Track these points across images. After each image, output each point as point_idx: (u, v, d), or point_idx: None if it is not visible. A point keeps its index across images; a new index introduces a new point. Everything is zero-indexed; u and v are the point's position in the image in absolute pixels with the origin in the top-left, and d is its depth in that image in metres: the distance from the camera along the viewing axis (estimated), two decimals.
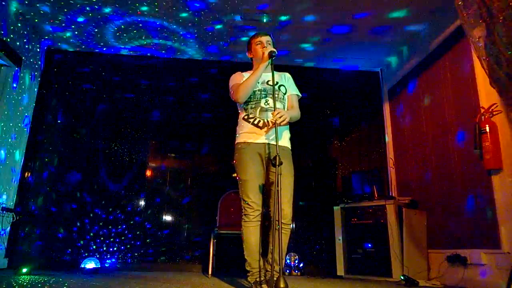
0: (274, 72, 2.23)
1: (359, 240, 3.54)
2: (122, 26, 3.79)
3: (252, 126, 2.25)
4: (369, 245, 3.46)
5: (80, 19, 3.69)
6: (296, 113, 2.34)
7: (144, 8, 3.50)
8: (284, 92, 2.36)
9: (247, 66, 2.51)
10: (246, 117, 2.29)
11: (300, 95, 2.45)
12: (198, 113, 4.36)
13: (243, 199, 2.20)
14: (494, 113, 2.70)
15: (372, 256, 3.41)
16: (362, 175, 4.05)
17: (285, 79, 2.42)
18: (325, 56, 4.35)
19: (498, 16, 2.05)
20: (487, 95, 2.77)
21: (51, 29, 3.86)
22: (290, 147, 2.34)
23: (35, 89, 4.00)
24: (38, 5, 3.46)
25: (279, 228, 1.90)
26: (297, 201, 2.27)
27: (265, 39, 2.36)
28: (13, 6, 3.47)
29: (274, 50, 2.20)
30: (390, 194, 4.03)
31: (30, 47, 3.84)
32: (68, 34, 3.94)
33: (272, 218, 2.10)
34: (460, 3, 2.31)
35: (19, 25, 3.62)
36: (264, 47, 2.32)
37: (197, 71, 4.48)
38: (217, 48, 4.21)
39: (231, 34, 3.91)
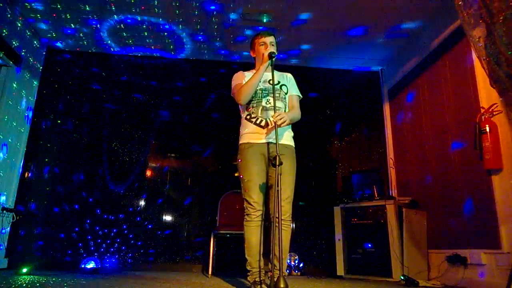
0: (276, 72, 2.32)
1: (359, 240, 3.54)
2: (122, 26, 3.79)
3: (255, 126, 2.26)
4: (369, 245, 3.46)
5: (81, 19, 3.68)
6: (296, 114, 2.35)
7: (144, 8, 3.50)
8: (285, 91, 2.37)
9: (248, 65, 2.52)
10: (248, 117, 2.30)
11: (301, 96, 2.46)
12: (198, 114, 4.35)
13: (245, 199, 2.21)
14: (494, 113, 2.70)
15: (372, 256, 3.41)
16: (362, 175, 4.05)
17: (287, 79, 2.43)
18: (325, 57, 4.35)
19: (498, 16, 2.04)
20: (487, 95, 2.77)
21: (51, 29, 3.85)
22: (293, 145, 2.34)
23: (35, 89, 4.00)
24: (38, 5, 3.46)
25: (279, 227, 1.89)
26: (297, 201, 2.26)
27: (269, 40, 2.34)
28: (13, 6, 3.46)
29: (274, 51, 2.21)
30: (390, 194, 4.03)
31: (30, 47, 3.83)
32: (69, 34, 3.94)
33: (271, 216, 2.10)
34: (460, 3, 2.31)
35: (19, 25, 3.62)
36: (267, 48, 2.30)
37: (197, 71, 4.47)
38: (217, 49, 4.20)
39: (234, 34, 3.91)
